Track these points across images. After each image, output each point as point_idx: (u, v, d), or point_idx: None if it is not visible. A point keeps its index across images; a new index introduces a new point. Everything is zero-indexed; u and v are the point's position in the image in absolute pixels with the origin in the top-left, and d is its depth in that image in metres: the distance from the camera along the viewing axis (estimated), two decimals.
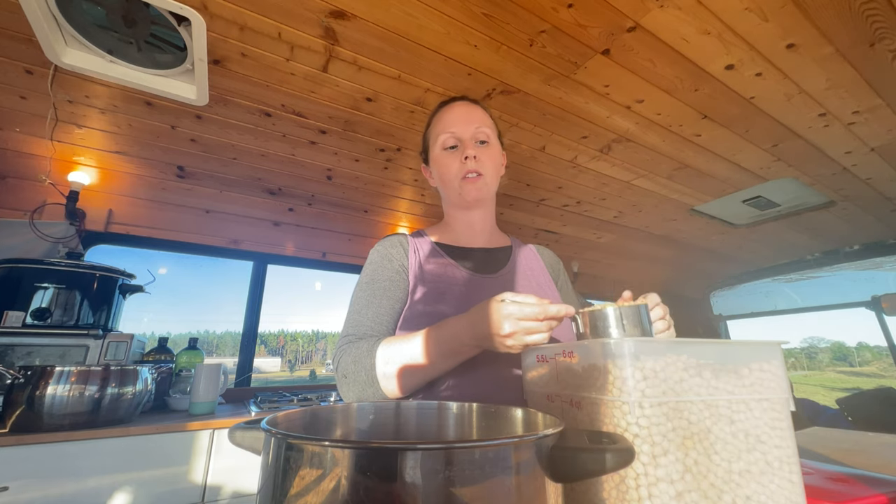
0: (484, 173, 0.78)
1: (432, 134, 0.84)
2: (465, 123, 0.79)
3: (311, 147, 1.70)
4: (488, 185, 0.80)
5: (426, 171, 0.88)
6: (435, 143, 0.82)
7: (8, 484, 1.10)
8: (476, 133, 0.79)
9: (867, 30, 1.14)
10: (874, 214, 2.41)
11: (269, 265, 2.31)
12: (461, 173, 0.77)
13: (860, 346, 43.50)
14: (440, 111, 0.84)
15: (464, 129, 0.79)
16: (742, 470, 0.39)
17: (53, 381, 1.20)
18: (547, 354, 0.52)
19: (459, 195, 0.79)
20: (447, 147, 0.80)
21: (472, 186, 0.78)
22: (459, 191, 0.79)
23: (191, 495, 1.31)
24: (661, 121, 1.57)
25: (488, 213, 0.86)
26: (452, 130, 0.79)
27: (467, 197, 0.79)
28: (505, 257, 0.84)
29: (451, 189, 0.80)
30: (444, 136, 0.80)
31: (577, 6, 1.09)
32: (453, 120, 0.80)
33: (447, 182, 0.80)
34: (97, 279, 1.60)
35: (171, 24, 1.12)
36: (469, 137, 0.79)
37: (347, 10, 1.09)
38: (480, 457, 0.27)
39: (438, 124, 0.82)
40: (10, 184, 1.68)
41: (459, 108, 0.82)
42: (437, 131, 0.82)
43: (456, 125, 0.79)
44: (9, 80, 1.28)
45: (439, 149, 0.81)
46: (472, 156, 0.77)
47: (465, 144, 0.78)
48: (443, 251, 0.80)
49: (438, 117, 0.83)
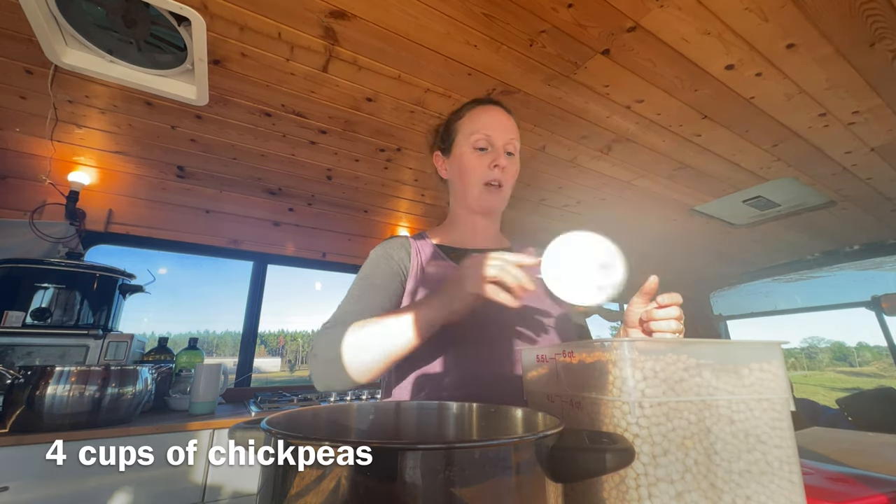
0: (505, 185, 0.79)
1: (463, 128, 0.82)
2: (502, 130, 0.79)
3: (311, 147, 1.70)
4: (505, 197, 0.81)
5: (439, 161, 0.87)
6: (466, 138, 0.80)
7: (8, 484, 1.10)
8: (507, 143, 0.79)
9: (867, 30, 1.14)
10: (874, 214, 2.41)
11: (269, 265, 2.31)
12: (485, 178, 0.77)
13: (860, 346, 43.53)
14: (477, 108, 0.83)
15: (500, 135, 0.78)
16: (742, 470, 0.39)
17: (53, 381, 1.20)
18: (547, 354, 0.52)
19: (477, 199, 0.79)
20: (478, 147, 0.79)
21: (491, 196, 0.78)
22: (478, 195, 0.78)
23: (191, 495, 1.31)
24: (661, 121, 1.57)
25: (495, 219, 0.86)
26: (488, 133, 0.78)
27: (484, 203, 0.79)
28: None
29: (470, 190, 0.79)
30: (477, 136, 0.78)
31: (577, 6, 1.08)
32: (491, 123, 0.79)
33: (468, 182, 0.79)
34: (97, 279, 1.60)
35: (171, 24, 1.12)
36: (502, 145, 0.78)
37: (347, 10, 1.09)
38: (480, 457, 0.27)
39: (474, 121, 0.80)
40: (10, 184, 1.68)
41: (499, 114, 0.81)
42: (472, 128, 0.80)
43: (493, 129, 0.79)
44: (9, 80, 1.28)
45: (469, 147, 0.79)
46: (503, 166, 0.77)
47: (498, 152, 0.78)
48: (444, 253, 0.80)
49: (476, 114, 0.82)
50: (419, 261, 0.77)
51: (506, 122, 0.81)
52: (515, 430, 0.43)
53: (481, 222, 0.84)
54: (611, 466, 0.29)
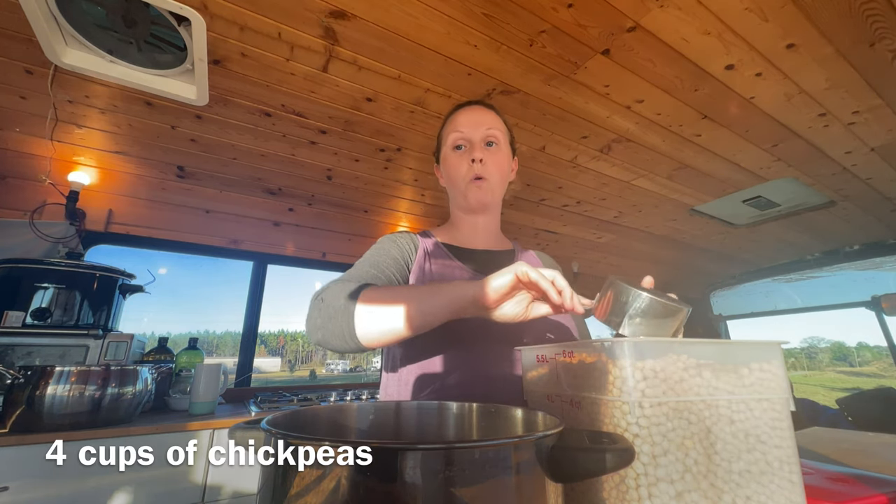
0: (489, 177, 0.78)
1: (444, 133, 0.84)
2: (475, 125, 0.79)
3: (311, 147, 1.70)
4: (493, 190, 0.79)
5: (438, 172, 0.89)
6: (445, 142, 0.83)
7: (8, 484, 1.10)
8: (486, 135, 0.79)
9: (867, 30, 1.14)
10: (874, 214, 2.41)
11: (269, 265, 2.31)
12: (469, 176, 0.78)
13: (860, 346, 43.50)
14: (454, 112, 0.85)
15: (473, 130, 0.79)
16: (742, 470, 0.39)
17: (53, 381, 1.20)
18: (547, 354, 0.52)
19: (465, 197, 0.79)
20: (455, 147, 0.80)
21: (477, 190, 0.78)
22: (465, 193, 0.79)
23: (191, 495, 1.31)
24: (661, 121, 1.57)
25: (493, 217, 0.86)
26: (462, 131, 0.79)
27: (471, 200, 0.79)
28: (508, 260, 0.84)
29: (458, 190, 0.80)
30: (453, 136, 0.80)
31: (577, 6, 1.08)
32: (465, 121, 0.81)
33: (454, 183, 0.80)
34: (97, 279, 1.60)
35: (171, 24, 1.12)
36: (478, 140, 0.78)
37: (347, 10, 1.09)
38: (481, 457, 0.27)
39: (451, 124, 0.82)
40: (10, 184, 1.68)
41: (474, 111, 0.82)
42: (448, 131, 0.82)
43: (466, 126, 0.80)
44: (9, 80, 1.28)
45: (448, 148, 0.81)
46: (479, 159, 0.76)
47: (474, 146, 0.78)
48: (448, 251, 0.81)
49: (453, 118, 0.84)
50: (425, 255, 0.78)
51: (481, 117, 0.81)
52: (515, 430, 0.43)
53: (481, 222, 0.84)
54: (611, 466, 0.30)
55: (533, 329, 0.73)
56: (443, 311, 0.54)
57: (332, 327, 0.57)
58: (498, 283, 0.51)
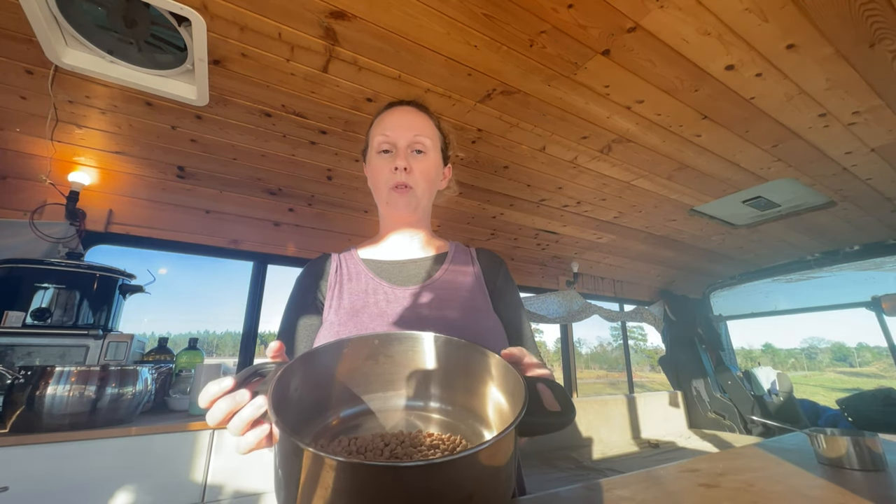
0: (414, 186, 0.73)
1: (371, 133, 0.79)
2: (402, 129, 0.74)
3: (311, 147, 1.70)
4: (418, 199, 0.74)
5: (366, 171, 0.82)
6: (371, 143, 0.77)
7: (8, 484, 1.10)
8: (412, 142, 0.74)
9: (867, 30, 1.14)
10: (874, 215, 2.41)
11: (269, 265, 2.31)
12: (391, 182, 0.72)
13: (860, 346, 43.43)
14: (384, 111, 0.79)
15: (400, 134, 0.74)
16: None
17: (53, 381, 1.20)
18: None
19: (386, 204, 0.74)
20: (380, 151, 0.75)
21: (398, 198, 0.73)
22: (387, 200, 0.74)
23: (191, 495, 1.31)
24: (661, 121, 1.57)
25: (419, 223, 0.80)
26: (388, 134, 0.74)
27: (392, 208, 0.74)
28: (436, 267, 0.77)
29: (380, 196, 0.75)
30: (379, 139, 0.75)
31: (577, 6, 1.09)
32: (393, 124, 0.75)
33: (377, 188, 0.76)
34: (97, 279, 1.60)
35: (172, 25, 1.12)
36: (405, 145, 0.73)
37: (347, 11, 1.09)
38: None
39: (379, 125, 0.77)
40: (10, 184, 1.68)
41: (401, 113, 0.77)
42: (375, 132, 0.77)
43: (394, 130, 0.74)
44: (9, 80, 1.28)
45: (374, 151, 0.76)
46: (402, 167, 0.71)
47: (399, 152, 0.73)
48: (367, 266, 0.76)
49: (381, 117, 0.78)
50: (339, 276, 0.74)
51: (411, 121, 0.76)
52: (492, 377, 0.44)
53: (405, 229, 0.79)
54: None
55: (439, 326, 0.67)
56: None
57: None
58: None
